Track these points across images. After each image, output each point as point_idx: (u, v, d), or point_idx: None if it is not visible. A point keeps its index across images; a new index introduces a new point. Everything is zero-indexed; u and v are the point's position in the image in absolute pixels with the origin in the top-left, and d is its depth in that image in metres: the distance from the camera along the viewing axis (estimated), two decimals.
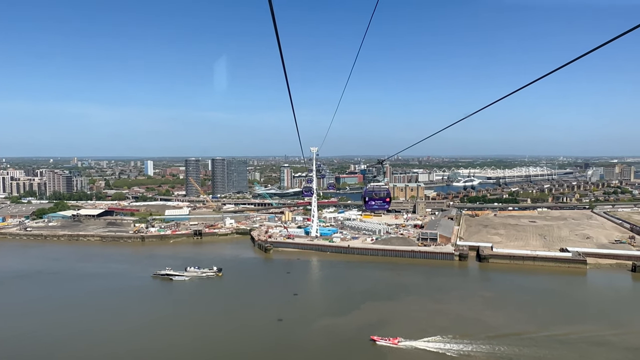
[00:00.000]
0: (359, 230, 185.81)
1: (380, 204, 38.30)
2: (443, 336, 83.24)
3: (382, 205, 38.42)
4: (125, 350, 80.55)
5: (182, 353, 79.38)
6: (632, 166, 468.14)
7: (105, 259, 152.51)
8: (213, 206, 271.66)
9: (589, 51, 10.14)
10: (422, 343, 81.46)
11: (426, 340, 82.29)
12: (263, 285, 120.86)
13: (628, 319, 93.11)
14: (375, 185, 39.10)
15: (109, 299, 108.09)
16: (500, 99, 14.93)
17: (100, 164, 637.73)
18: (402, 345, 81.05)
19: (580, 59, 10.51)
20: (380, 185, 39.25)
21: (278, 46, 10.97)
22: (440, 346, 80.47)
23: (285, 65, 12.74)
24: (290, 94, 16.79)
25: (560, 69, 11.58)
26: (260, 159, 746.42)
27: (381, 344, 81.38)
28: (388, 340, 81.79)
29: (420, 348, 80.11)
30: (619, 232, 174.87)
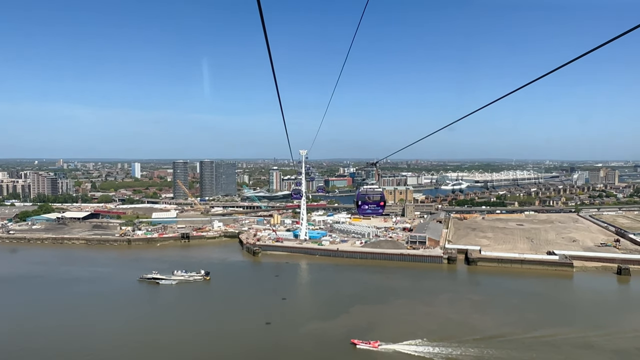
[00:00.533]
0: (348, 233, 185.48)
1: (374, 209, 35.72)
2: (423, 339, 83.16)
3: (376, 209, 35.76)
4: (109, 356, 78.84)
5: (168, 358, 77.94)
6: (617, 170, 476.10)
7: (91, 262, 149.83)
8: (201, 209, 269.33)
9: (572, 59, 10.18)
10: (402, 346, 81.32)
11: (406, 343, 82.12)
12: (251, 289, 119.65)
13: (614, 321, 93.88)
14: (368, 188, 36.43)
15: (93, 304, 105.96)
16: (486, 105, 14.68)
17: (87, 166, 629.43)
18: (382, 348, 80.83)
19: (563, 64, 10.54)
20: (374, 188, 36.43)
21: (267, 48, 10.83)
22: (421, 349, 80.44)
23: (274, 67, 12.64)
24: (279, 96, 16.67)
25: (546, 76, 11.58)
26: (249, 161, 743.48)
27: (361, 347, 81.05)
28: (368, 343, 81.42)
29: (400, 351, 79.95)
30: (604, 235, 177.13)
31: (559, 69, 10.88)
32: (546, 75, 11.47)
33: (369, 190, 36.26)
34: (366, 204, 35.59)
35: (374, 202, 35.61)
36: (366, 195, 36.09)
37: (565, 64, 10.58)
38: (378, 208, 35.79)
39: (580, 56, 10.09)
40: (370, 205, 35.59)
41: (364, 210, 35.70)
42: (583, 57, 9.98)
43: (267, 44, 10.47)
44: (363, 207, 35.74)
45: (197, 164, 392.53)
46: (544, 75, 11.54)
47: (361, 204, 35.74)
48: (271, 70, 12.71)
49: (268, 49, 10.85)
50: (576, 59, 10.21)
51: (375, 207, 35.67)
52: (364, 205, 35.70)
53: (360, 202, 35.82)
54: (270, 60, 11.83)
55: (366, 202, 35.51)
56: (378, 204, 35.68)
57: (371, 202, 35.50)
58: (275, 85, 14.67)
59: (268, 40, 10.21)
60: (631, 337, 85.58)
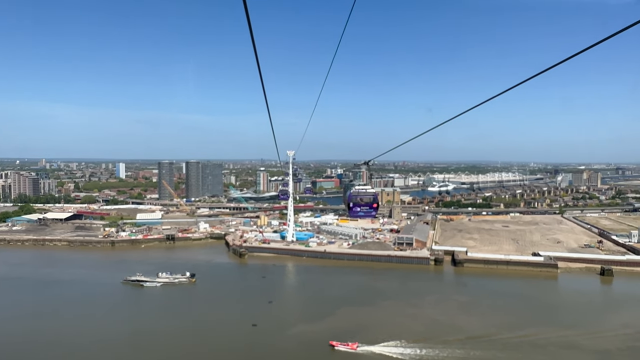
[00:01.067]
0: (336, 235, 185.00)
1: (367, 211, 33.48)
2: (401, 341, 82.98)
3: (369, 212, 33.56)
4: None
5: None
6: (599, 172, 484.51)
7: (73, 264, 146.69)
8: (187, 210, 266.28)
9: (553, 65, 10.42)
10: (381, 348, 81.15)
11: (385, 345, 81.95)
12: (237, 292, 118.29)
13: (597, 321, 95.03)
14: (360, 189, 33.88)
15: (74, 307, 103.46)
16: (472, 108, 14.57)
17: (70, 166, 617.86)
18: (361, 350, 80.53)
19: (545, 68, 10.64)
20: (366, 189, 33.93)
21: (253, 48, 10.68)
22: (399, 351, 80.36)
23: (260, 67, 12.48)
24: (265, 97, 16.49)
25: (529, 79, 11.77)
26: (236, 162, 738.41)
27: (340, 349, 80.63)
28: (347, 345, 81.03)
29: (378, 353, 79.79)
30: (587, 237, 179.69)
31: (542, 73, 11.00)
32: (530, 79, 11.59)
33: (360, 192, 33.80)
34: (358, 206, 33.41)
35: (367, 204, 33.45)
36: (358, 196, 33.70)
37: (546, 70, 10.66)
38: (371, 210, 33.62)
39: (563, 60, 10.23)
40: (363, 208, 33.44)
41: (356, 212, 33.49)
42: (566, 61, 10.20)
43: (253, 43, 10.29)
44: (354, 210, 33.44)
45: (183, 164, 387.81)
46: (527, 80, 11.68)
47: (352, 205, 33.42)
48: (258, 70, 12.51)
49: (254, 48, 10.67)
50: (558, 63, 10.23)
51: (367, 209, 33.49)
52: (355, 208, 33.46)
53: (352, 203, 33.49)
54: (257, 60, 11.66)
55: (358, 204, 33.32)
56: (371, 205, 33.47)
57: (363, 204, 33.32)
58: (261, 85, 14.47)
59: (254, 39, 10.09)
60: (613, 337, 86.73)
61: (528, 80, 11.70)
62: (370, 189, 33.85)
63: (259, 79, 13.40)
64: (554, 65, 10.47)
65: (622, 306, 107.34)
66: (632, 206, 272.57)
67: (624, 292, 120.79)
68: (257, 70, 12.57)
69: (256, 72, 12.69)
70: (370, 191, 33.55)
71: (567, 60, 10.14)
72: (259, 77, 13.33)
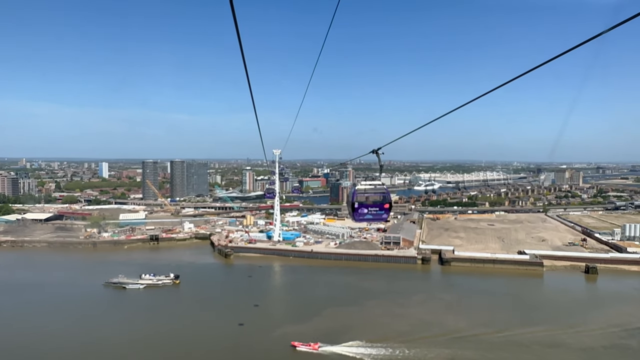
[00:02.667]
0: (323, 234, 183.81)
1: (377, 213, 24.81)
2: (364, 340, 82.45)
3: (379, 214, 24.86)
4: None
5: None
6: (581, 172, 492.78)
7: (51, 266, 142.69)
8: (171, 210, 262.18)
9: (535, 67, 10.25)
10: (342, 348, 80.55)
11: (346, 345, 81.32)
12: (222, 294, 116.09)
13: (582, 319, 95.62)
14: (367, 185, 25.59)
15: (52, 311, 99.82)
16: (457, 108, 14.42)
17: (52, 166, 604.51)
18: (322, 350, 79.82)
19: (527, 68, 10.58)
20: (376, 185, 25.57)
21: (239, 46, 10.37)
22: (360, 351, 79.79)
23: (247, 66, 12.28)
24: (252, 95, 16.38)
25: (511, 81, 11.65)
26: (222, 161, 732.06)
27: (301, 349, 79.92)
28: (308, 345, 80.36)
29: (339, 353, 79.23)
30: (571, 235, 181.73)
31: (526, 74, 10.86)
32: (514, 80, 11.38)
33: (368, 188, 25.30)
34: (365, 207, 24.71)
35: (376, 204, 25.10)
36: (365, 194, 25.11)
37: (523, 73, 10.55)
38: (381, 212, 24.87)
39: (546, 62, 10.11)
40: (371, 209, 24.83)
41: (362, 215, 24.85)
42: (549, 61, 10.08)
43: (239, 41, 9.98)
44: (361, 212, 24.89)
45: (168, 163, 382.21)
46: (512, 80, 11.37)
47: (358, 206, 24.92)
48: (244, 69, 12.27)
49: (240, 47, 10.37)
50: (541, 65, 10.05)
51: (377, 210, 24.84)
52: (361, 209, 24.79)
53: (357, 204, 25.01)
54: (243, 59, 11.43)
55: (365, 205, 24.90)
56: (381, 206, 24.96)
57: (372, 205, 25.05)
58: (248, 85, 14.33)
59: (240, 37, 9.83)
60: (599, 335, 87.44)
61: (508, 82, 11.67)
62: (380, 184, 25.43)
63: (245, 78, 13.38)
64: (537, 67, 10.43)
65: (606, 304, 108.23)
66: (614, 204, 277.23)
67: (608, 289, 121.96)
68: (243, 70, 12.46)
69: (242, 71, 12.52)
70: (380, 187, 25.30)
71: (548, 62, 10.09)
72: (246, 76, 13.31)
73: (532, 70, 10.70)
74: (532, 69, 10.69)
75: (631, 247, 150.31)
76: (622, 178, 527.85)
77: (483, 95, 13.38)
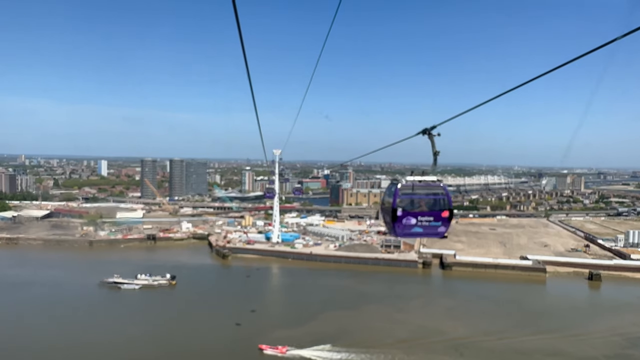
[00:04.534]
0: (322, 236, 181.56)
1: (431, 226, 15.90)
2: (333, 344, 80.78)
3: (434, 227, 15.93)
4: None
5: None
6: (582, 177, 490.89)
7: (46, 264, 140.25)
8: (169, 209, 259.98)
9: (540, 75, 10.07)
10: (310, 352, 78.98)
11: (315, 348, 79.68)
12: (219, 296, 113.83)
13: (585, 327, 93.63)
14: (416, 183, 16.29)
15: (42, 310, 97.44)
16: (459, 114, 14.49)
17: (50, 163, 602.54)
18: (290, 354, 78.44)
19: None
20: (428, 182, 16.47)
21: (241, 46, 10.38)
22: (329, 355, 78.21)
23: (248, 65, 12.07)
24: (253, 96, 16.21)
25: (517, 87, 11.44)
26: (222, 161, 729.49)
27: (269, 353, 78.50)
28: (276, 349, 79.02)
29: (307, 357, 77.85)
30: (574, 241, 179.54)
31: (530, 82, 10.73)
32: (517, 87, 11.27)
33: (418, 186, 16.19)
34: (413, 215, 15.77)
35: (431, 212, 16.06)
36: (412, 195, 16.06)
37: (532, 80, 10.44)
38: (437, 224, 15.98)
39: (549, 71, 9.81)
40: (423, 219, 15.86)
41: (408, 228, 15.80)
42: (553, 70, 9.73)
43: (241, 41, 9.97)
44: (406, 222, 15.80)
45: (167, 162, 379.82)
46: (514, 89, 11.36)
47: (402, 214, 15.80)
48: (245, 68, 12.06)
49: (242, 47, 10.40)
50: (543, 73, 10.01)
51: (431, 221, 15.91)
52: (407, 218, 15.74)
53: (401, 210, 15.87)
54: (245, 59, 11.39)
55: (412, 212, 15.87)
56: (438, 214, 16.05)
57: (422, 212, 16.01)
58: (249, 84, 14.14)
59: (242, 37, 9.82)
60: (600, 344, 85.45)
61: (514, 89, 11.40)
62: (435, 181, 16.42)
63: (246, 77, 13.07)
64: (540, 75, 10.11)
65: (610, 312, 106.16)
66: (616, 210, 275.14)
67: (612, 297, 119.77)
68: (244, 68, 12.22)
69: (243, 70, 11.91)
70: (435, 185, 16.27)
71: (552, 71, 9.73)
72: (247, 75, 13.02)
73: (536, 79, 10.39)
74: (537, 76, 10.30)
75: (635, 254, 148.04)
76: (624, 184, 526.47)
77: (481, 104, 12.96)
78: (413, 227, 15.94)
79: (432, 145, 15.20)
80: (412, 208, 16.04)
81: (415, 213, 15.97)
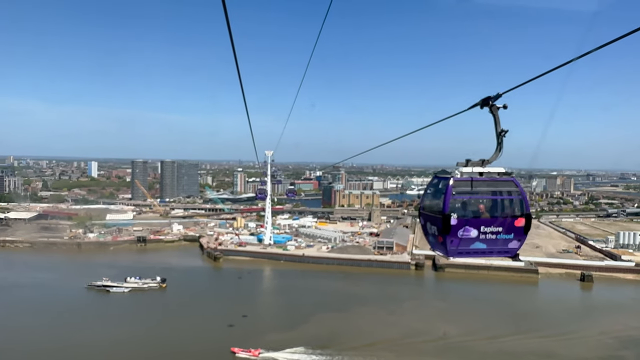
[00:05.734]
0: (314, 238, 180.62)
1: (499, 239, 10.90)
2: (307, 347, 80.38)
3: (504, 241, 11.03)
4: None
5: None
6: (572, 178, 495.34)
7: (33, 267, 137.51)
8: (160, 211, 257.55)
9: (523, 82, 10.20)
10: (284, 354, 78.64)
11: (289, 351, 79.27)
12: (210, 299, 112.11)
13: (576, 328, 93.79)
14: (477, 177, 10.69)
15: (29, 314, 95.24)
16: (448, 117, 13.90)
17: (40, 164, 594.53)
18: (263, 357, 77.94)
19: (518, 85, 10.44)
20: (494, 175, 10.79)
21: (232, 47, 10.27)
22: (303, 357, 77.96)
23: (239, 66, 12.04)
24: (244, 96, 16.49)
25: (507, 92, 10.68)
26: (213, 162, 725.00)
27: (241, 356, 77.96)
28: (249, 352, 78.40)
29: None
30: (565, 242, 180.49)
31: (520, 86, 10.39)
32: (507, 92, 10.52)
33: (478, 183, 10.76)
34: (474, 225, 10.70)
35: (499, 220, 10.87)
36: (472, 194, 10.78)
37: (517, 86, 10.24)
38: (508, 237, 11.02)
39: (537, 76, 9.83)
40: (488, 230, 10.72)
41: (467, 243, 10.89)
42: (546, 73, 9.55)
43: (231, 40, 9.91)
44: (464, 234, 10.69)
45: (159, 163, 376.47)
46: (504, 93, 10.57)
47: (458, 223, 10.59)
48: (236, 69, 11.98)
49: (232, 46, 10.32)
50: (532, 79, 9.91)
51: (499, 233, 10.86)
52: (466, 229, 10.66)
53: (456, 217, 10.59)
54: (236, 61, 11.42)
55: (473, 221, 10.76)
56: (511, 223, 10.87)
57: (489, 221, 10.82)
58: (240, 86, 14.25)
59: (232, 37, 9.75)
60: (592, 345, 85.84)
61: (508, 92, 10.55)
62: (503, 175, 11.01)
63: (237, 78, 13.05)
64: (529, 80, 10.03)
65: (601, 313, 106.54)
66: (606, 212, 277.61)
67: (603, 298, 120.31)
68: (235, 70, 12.07)
69: (235, 71, 12.23)
70: (504, 180, 10.98)
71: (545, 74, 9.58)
72: (238, 77, 13.03)
73: (521, 85, 10.22)
74: (522, 84, 10.27)
75: (625, 255, 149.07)
76: (612, 185, 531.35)
77: (470, 108, 11.79)
78: (473, 242, 10.83)
79: (495, 121, 10.77)
80: (471, 214, 10.89)
81: (477, 221, 10.74)
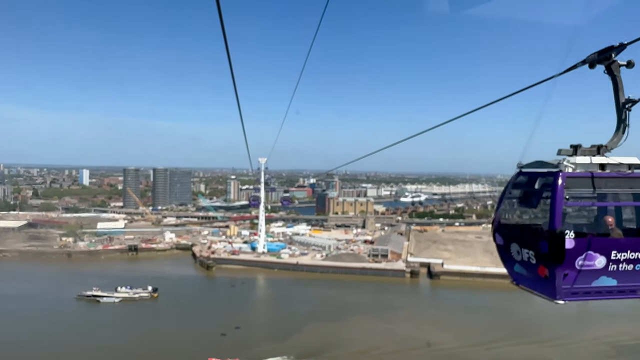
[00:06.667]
0: (308, 246, 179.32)
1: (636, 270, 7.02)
2: (290, 356, 79.68)
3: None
4: None
5: None
6: None
7: (21, 277, 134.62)
8: (152, 219, 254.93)
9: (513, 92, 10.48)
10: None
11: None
12: (202, 309, 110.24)
13: (572, 335, 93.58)
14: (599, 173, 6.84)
15: (16, 327, 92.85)
16: (442, 123, 14.55)
17: (30, 172, 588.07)
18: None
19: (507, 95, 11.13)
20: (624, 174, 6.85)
21: (227, 54, 10.11)
22: None
23: (234, 74, 12.01)
24: (238, 103, 16.34)
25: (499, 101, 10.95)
26: (207, 170, 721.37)
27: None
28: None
29: None
30: None
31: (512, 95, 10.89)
32: (498, 100, 11.05)
33: (602, 180, 6.84)
34: (600, 249, 6.92)
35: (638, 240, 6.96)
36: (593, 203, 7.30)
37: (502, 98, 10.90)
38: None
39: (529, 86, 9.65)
40: (624, 257, 6.94)
41: (589, 278, 7.24)
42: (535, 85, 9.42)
43: (226, 47, 9.79)
44: (585, 264, 7.00)
45: (151, 171, 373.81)
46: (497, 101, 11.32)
47: (576, 246, 6.90)
48: (231, 76, 11.84)
49: (227, 53, 10.24)
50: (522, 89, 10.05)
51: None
52: (589, 255, 6.89)
53: (573, 237, 6.90)
54: (230, 67, 11.38)
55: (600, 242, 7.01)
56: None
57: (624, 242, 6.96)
58: (234, 92, 14.16)
59: (227, 44, 9.65)
60: (587, 352, 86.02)
61: (499, 100, 11.18)
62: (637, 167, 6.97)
63: (231, 85, 12.99)
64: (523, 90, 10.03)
65: (597, 320, 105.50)
66: None
67: (599, 305, 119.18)
68: (230, 76, 11.68)
69: (229, 78, 11.90)
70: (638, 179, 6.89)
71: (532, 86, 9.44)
72: (232, 84, 12.90)
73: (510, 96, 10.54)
74: (511, 94, 10.52)
75: None
76: None
77: (465, 114, 12.58)
78: (598, 276, 7.45)
79: (617, 86, 7.11)
80: (594, 231, 7.41)
81: (605, 243, 7.25)
